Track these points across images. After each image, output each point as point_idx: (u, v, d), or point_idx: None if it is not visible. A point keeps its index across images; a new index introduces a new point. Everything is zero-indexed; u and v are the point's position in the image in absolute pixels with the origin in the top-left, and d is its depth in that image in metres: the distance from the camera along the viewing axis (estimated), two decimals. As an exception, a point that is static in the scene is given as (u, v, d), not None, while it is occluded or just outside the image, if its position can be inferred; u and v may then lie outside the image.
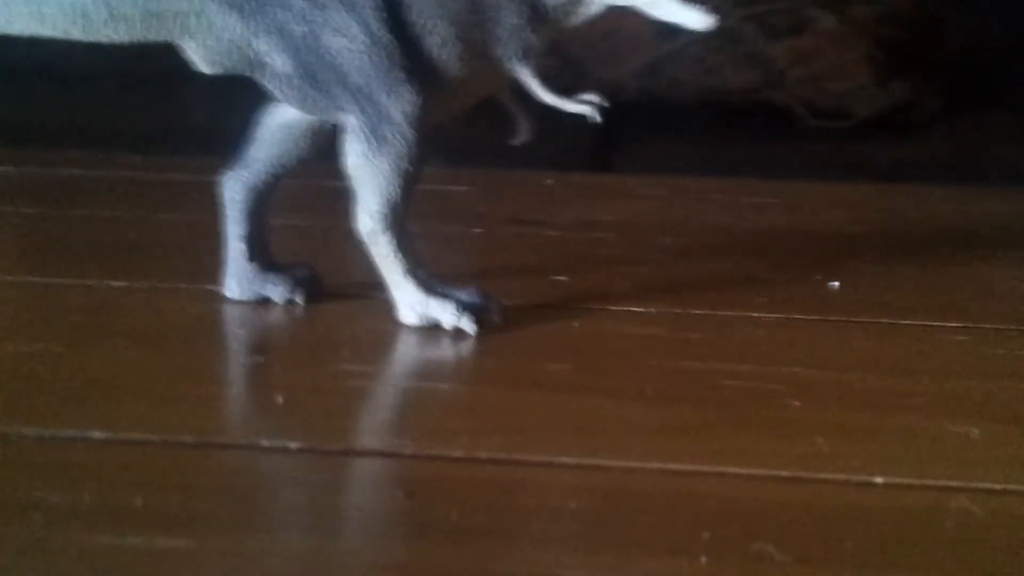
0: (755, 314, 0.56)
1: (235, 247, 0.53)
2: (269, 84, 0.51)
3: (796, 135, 1.31)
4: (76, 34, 0.49)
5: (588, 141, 1.21)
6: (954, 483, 0.39)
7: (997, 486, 0.39)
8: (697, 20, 0.52)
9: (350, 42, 0.49)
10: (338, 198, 0.51)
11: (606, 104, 0.53)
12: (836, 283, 0.61)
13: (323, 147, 0.53)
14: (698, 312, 0.56)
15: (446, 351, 0.49)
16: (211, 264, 0.54)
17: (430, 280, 0.51)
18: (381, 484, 0.38)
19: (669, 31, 0.54)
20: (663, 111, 1.32)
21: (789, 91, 1.36)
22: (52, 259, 0.60)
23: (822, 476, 0.40)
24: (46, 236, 0.65)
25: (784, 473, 0.40)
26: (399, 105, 0.50)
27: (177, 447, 0.39)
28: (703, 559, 0.34)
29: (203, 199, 0.56)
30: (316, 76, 0.50)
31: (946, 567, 0.35)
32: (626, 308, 0.56)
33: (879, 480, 0.39)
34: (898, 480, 0.39)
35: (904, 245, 0.71)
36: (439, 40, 0.50)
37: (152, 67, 0.72)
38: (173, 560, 0.33)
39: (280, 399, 0.43)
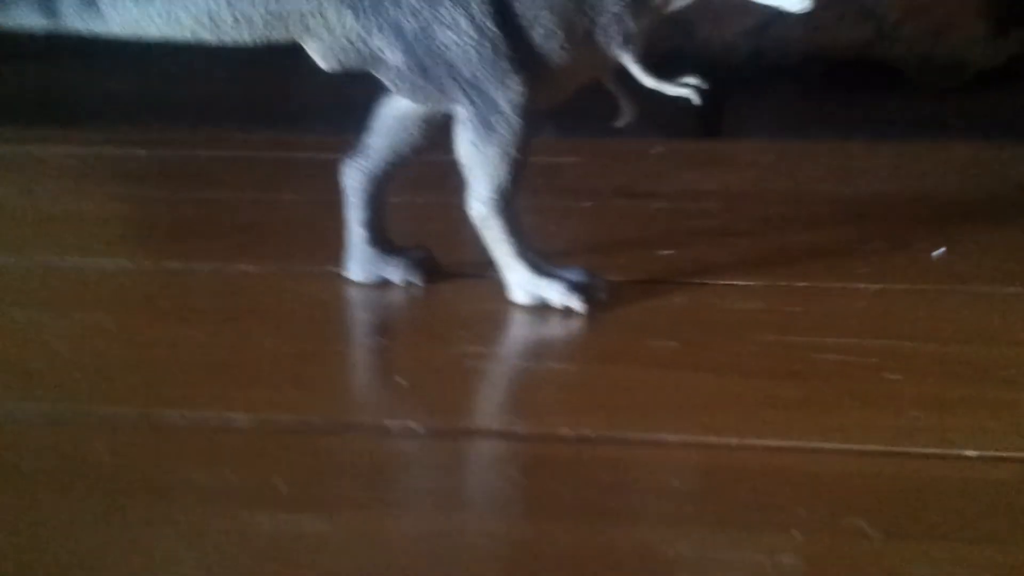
0: (856, 285, 0.57)
1: (356, 232, 0.57)
2: (384, 78, 0.54)
3: (910, 91, 1.29)
4: (205, 36, 0.52)
5: (696, 106, 1.22)
6: (1046, 456, 0.41)
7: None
8: (794, 3, 0.53)
9: (459, 36, 0.52)
10: (449, 173, 0.54)
11: (706, 86, 0.55)
12: (941, 250, 0.62)
13: (436, 137, 0.55)
14: (799, 284, 0.57)
15: (555, 330, 0.52)
16: (334, 245, 0.58)
17: (540, 261, 0.54)
18: (498, 464, 0.41)
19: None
20: (773, 70, 1.31)
21: (902, 46, 1.34)
22: (183, 244, 0.64)
23: (915, 450, 0.41)
24: (176, 220, 0.69)
25: (879, 448, 0.41)
26: (506, 95, 0.52)
27: (310, 429, 0.42)
28: (797, 534, 0.36)
29: (325, 178, 0.59)
30: (427, 69, 0.52)
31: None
32: (728, 282, 0.58)
33: (971, 453, 0.41)
34: (991, 453, 0.41)
35: (1013, 209, 0.71)
36: (543, 31, 0.52)
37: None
38: (315, 540, 0.36)
39: (404, 381, 0.46)
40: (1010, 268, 0.59)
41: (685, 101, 0.55)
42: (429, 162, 0.57)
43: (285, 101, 1.01)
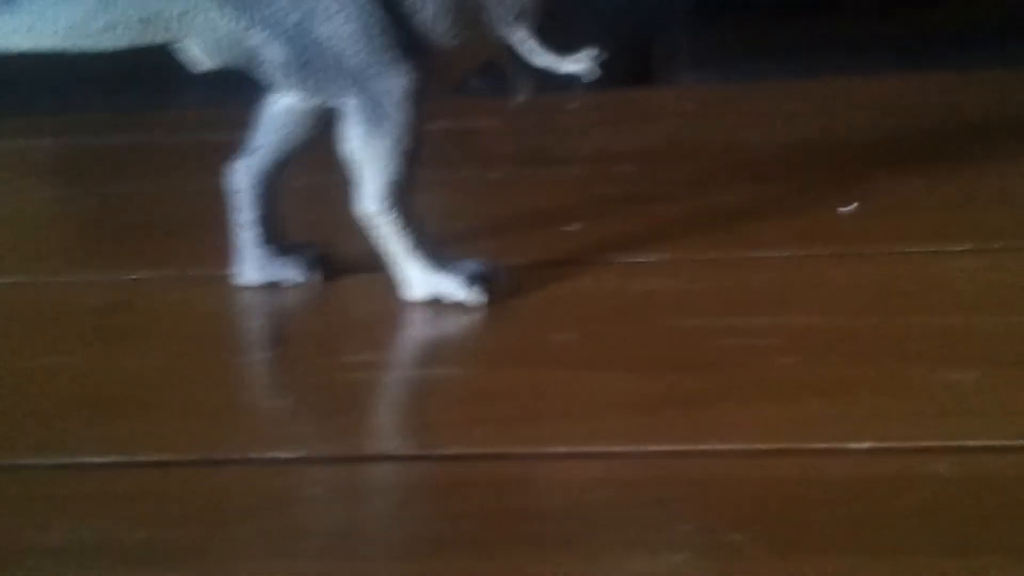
0: (763, 254, 0.56)
1: (246, 234, 0.55)
2: (268, 74, 0.52)
3: (833, 14, 1.27)
4: (77, 44, 0.50)
5: (627, 35, 1.19)
6: (938, 443, 0.40)
7: (990, 442, 0.40)
8: (577, 67, 0.52)
9: (342, 25, 0.50)
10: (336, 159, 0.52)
11: (605, 56, 0.53)
12: (852, 207, 0.61)
13: (326, 129, 0.53)
14: (705, 258, 0.56)
15: (451, 328, 0.51)
16: (230, 243, 0.56)
17: (436, 254, 0.53)
18: (378, 494, 0.40)
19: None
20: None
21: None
22: (69, 251, 0.62)
23: (809, 446, 0.40)
24: (68, 221, 0.67)
25: (770, 446, 0.40)
26: (395, 83, 0.50)
27: (180, 467, 0.41)
28: (686, 555, 0.35)
29: (231, 159, 0.56)
30: (311, 62, 0.50)
31: (934, 541, 0.35)
32: (634, 259, 0.56)
33: (866, 445, 0.40)
34: (884, 444, 0.40)
35: (928, 148, 0.70)
36: (432, 14, 0.50)
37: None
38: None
39: (287, 401, 0.45)
40: (920, 222, 0.58)
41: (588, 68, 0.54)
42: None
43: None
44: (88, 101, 1.02)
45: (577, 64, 0.53)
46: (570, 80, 0.55)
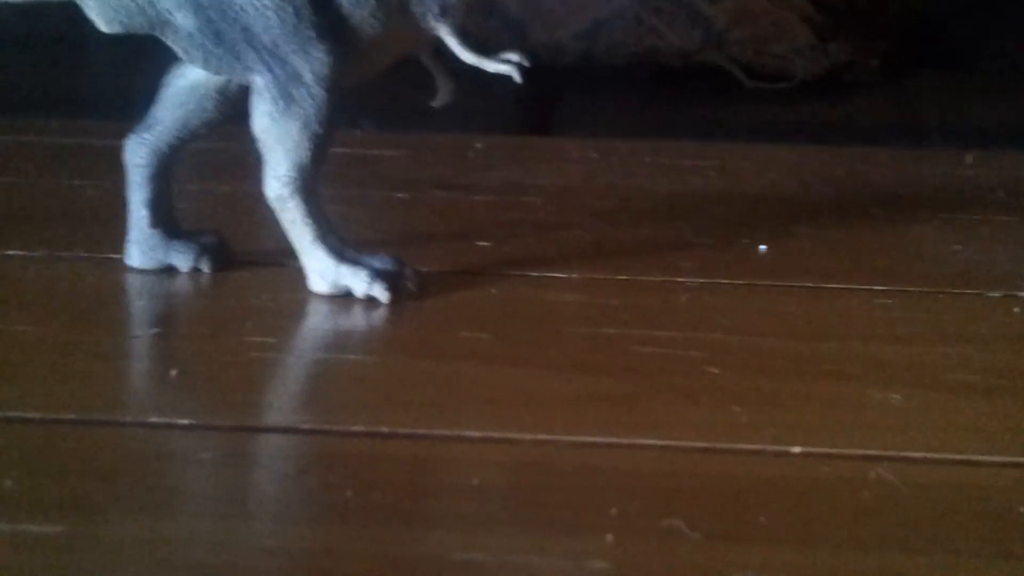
0: (679, 279, 0.54)
1: (137, 213, 0.51)
2: (173, 43, 0.49)
3: (736, 97, 1.29)
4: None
5: (524, 105, 1.19)
6: (873, 452, 0.38)
7: (916, 454, 0.38)
8: (508, 69, 0.50)
9: None
10: (251, 163, 0.49)
11: (527, 63, 0.52)
12: (764, 247, 0.60)
13: (231, 110, 0.50)
14: (621, 278, 0.54)
15: (357, 320, 0.48)
16: (117, 232, 0.52)
17: (342, 246, 0.50)
18: (279, 463, 0.36)
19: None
20: (603, 73, 1.30)
21: (728, 52, 1.34)
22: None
23: (738, 447, 0.38)
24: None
25: (699, 444, 0.38)
26: (309, 64, 0.48)
27: (59, 425, 0.37)
28: (610, 537, 0.33)
29: (116, 164, 0.53)
30: (221, 34, 0.48)
31: (862, 539, 0.33)
32: (547, 274, 0.54)
33: (796, 450, 0.38)
34: (816, 449, 0.38)
35: (835, 208, 0.70)
36: None
37: (54, 27, 0.70)
38: (48, 547, 0.31)
39: (174, 373, 0.41)
40: (829, 265, 0.58)
41: (504, 86, 0.52)
42: (229, 150, 0.52)
43: (73, 88, 0.95)
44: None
45: (502, 64, 0.51)
46: (481, 115, 0.54)
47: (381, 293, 0.49)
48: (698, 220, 0.66)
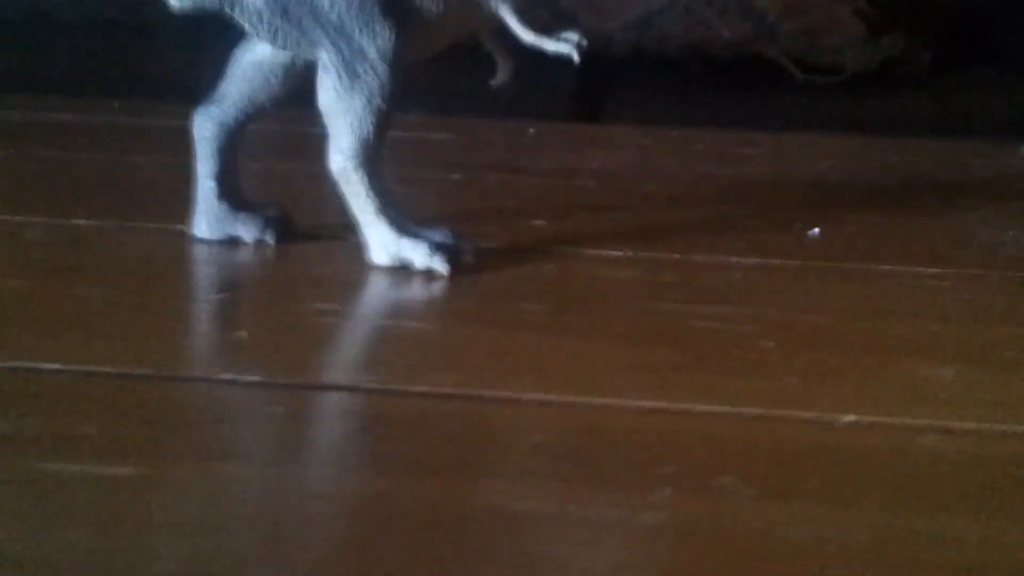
0: (733, 258, 0.55)
1: (205, 185, 0.53)
2: (241, 19, 0.50)
3: (786, 89, 1.29)
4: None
5: (576, 94, 1.20)
6: (923, 422, 0.39)
7: (968, 425, 0.39)
8: (562, 47, 0.51)
9: None
10: (314, 143, 0.51)
11: (585, 43, 0.53)
12: (816, 230, 0.60)
13: (297, 88, 0.52)
14: (675, 256, 0.55)
15: (417, 291, 0.49)
16: (184, 205, 0.54)
17: (403, 220, 0.51)
18: (344, 418, 0.38)
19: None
20: (653, 64, 1.31)
21: (780, 45, 1.34)
22: (19, 198, 0.59)
23: (791, 414, 0.39)
24: (15, 176, 0.64)
25: (753, 411, 0.39)
26: (373, 41, 0.49)
27: (134, 379, 0.38)
28: (667, 491, 0.34)
29: (181, 143, 0.55)
30: (289, 10, 0.49)
31: (909, 502, 0.34)
32: (602, 252, 0.55)
33: (849, 418, 0.39)
34: (868, 419, 0.39)
35: (887, 195, 0.70)
36: None
37: (127, 13, 0.72)
38: (125, 488, 0.32)
39: (244, 334, 0.43)
40: (881, 248, 0.58)
41: (566, 71, 0.53)
42: (295, 132, 0.53)
43: (141, 73, 0.97)
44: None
45: (562, 45, 0.52)
46: (534, 104, 0.55)
47: (441, 265, 0.50)
48: (750, 204, 0.66)
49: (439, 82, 0.74)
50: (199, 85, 0.55)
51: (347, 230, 0.51)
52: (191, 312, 0.46)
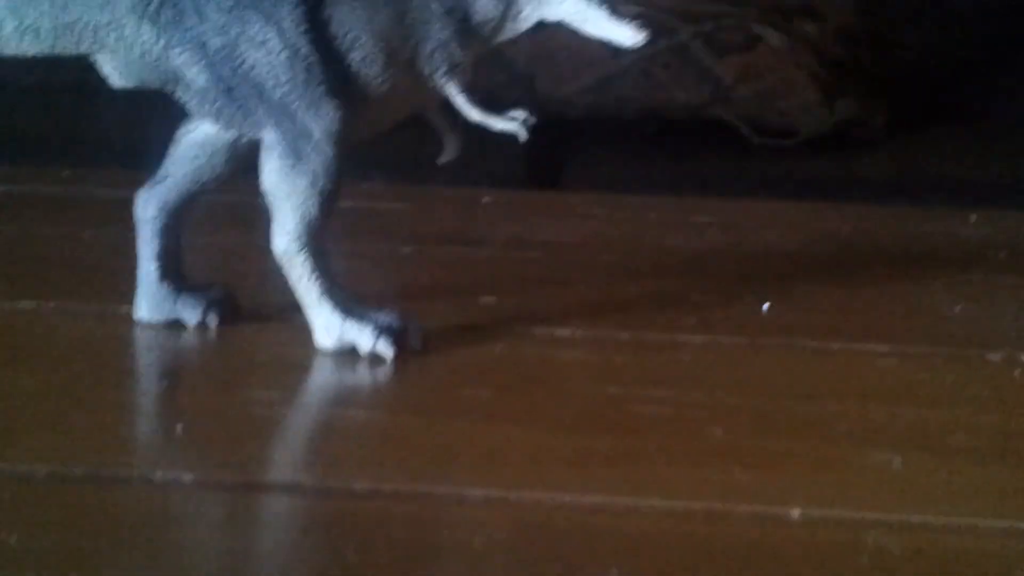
0: (682, 337, 0.55)
1: (147, 267, 0.52)
2: (184, 98, 0.50)
3: (742, 152, 1.30)
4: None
5: (533, 158, 1.20)
6: (872, 515, 0.38)
7: (915, 518, 0.38)
8: (628, 36, 0.51)
9: (269, 55, 0.48)
10: (257, 215, 0.50)
11: (533, 120, 0.52)
12: (767, 305, 0.60)
13: (241, 165, 0.51)
14: (624, 335, 0.55)
15: (362, 376, 0.48)
16: (126, 284, 0.53)
17: (348, 302, 0.50)
18: (281, 520, 0.37)
19: (617, 49, 0.53)
20: (610, 127, 1.31)
21: (736, 108, 1.35)
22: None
23: (739, 508, 0.39)
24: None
25: (700, 505, 0.39)
26: (318, 121, 0.48)
27: (64, 480, 0.37)
28: (608, 599, 0.33)
29: (127, 215, 0.54)
30: (233, 90, 0.49)
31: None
32: (552, 331, 0.55)
33: (796, 513, 0.38)
34: (816, 512, 0.38)
35: (837, 265, 0.70)
36: (363, 54, 0.49)
37: (68, 77, 0.71)
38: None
39: (180, 427, 0.42)
40: (833, 323, 0.58)
41: (513, 139, 0.52)
42: (236, 202, 0.52)
43: (81, 135, 0.96)
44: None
45: (509, 122, 0.52)
46: (488, 170, 0.55)
47: (386, 349, 0.49)
48: (701, 277, 0.66)
49: (391, 149, 0.74)
50: (145, 150, 0.54)
51: (292, 309, 0.50)
52: (128, 403, 0.45)
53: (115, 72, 0.49)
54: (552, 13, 0.52)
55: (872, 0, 1.54)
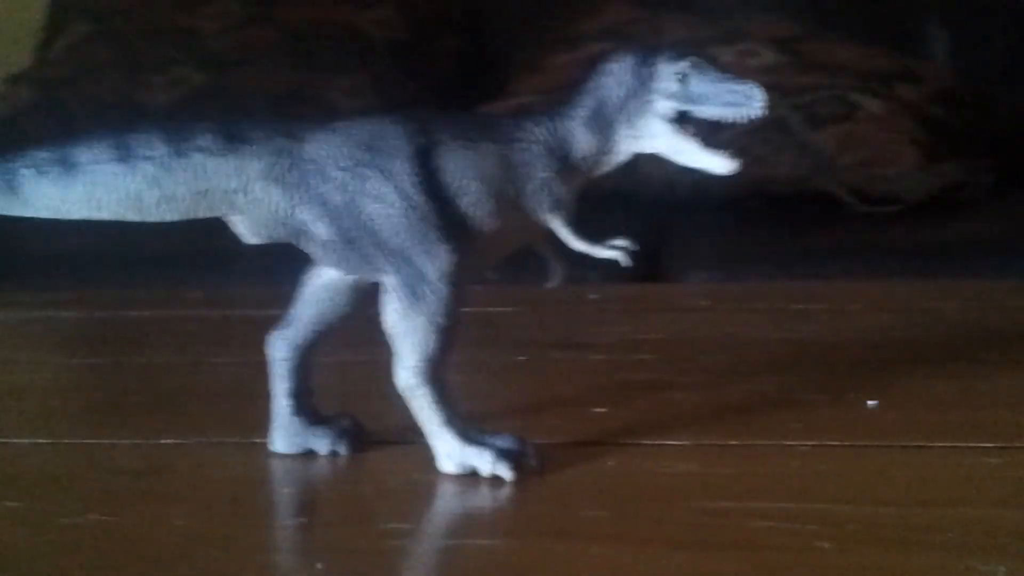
0: (789, 442, 0.57)
1: (281, 403, 0.56)
2: (310, 249, 0.53)
3: (847, 221, 1.31)
4: (131, 216, 0.52)
5: (638, 244, 1.23)
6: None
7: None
8: (721, 165, 0.54)
9: (387, 207, 0.52)
10: (377, 329, 0.52)
11: (636, 248, 0.55)
12: (874, 402, 0.62)
13: (363, 304, 0.55)
14: (732, 443, 0.57)
15: (484, 500, 0.51)
16: (259, 413, 0.56)
17: (467, 428, 0.53)
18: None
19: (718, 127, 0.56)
20: (714, 204, 1.33)
21: (838, 177, 1.37)
22: (104, 417, 0.62)
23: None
24: (102, 389, 0.68)
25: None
26: (435, 264, 0.52)
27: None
28: None
29: (257, 337, 0.57)
30: (355, 240, 0.52)
31: None
32: (661, 442, 0.57)
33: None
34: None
35: (946, 353, 0.71)
36: (472, 199, 0.52)
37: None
38: None
39: (319, 566, 0.45)
40: (941, 420, 0.59)
41: (634, 210, 0.55)
42: (365, 314, 0.56)
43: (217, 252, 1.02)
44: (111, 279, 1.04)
45: (612, 251, 0.55)
46: (597, 266, 0.57)
47: (505, 472, 0.52)
48: (808, 372, 0.68)
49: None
50: (271, 266, 0.57)
51: (415, 432, 0.54)
52: (270, 542, 0.48)
53: (247, 230, 0.53)
54: (647, 146, 0.55)
55: (970, 59, 1.55)
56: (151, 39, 1.60)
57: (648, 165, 1.56)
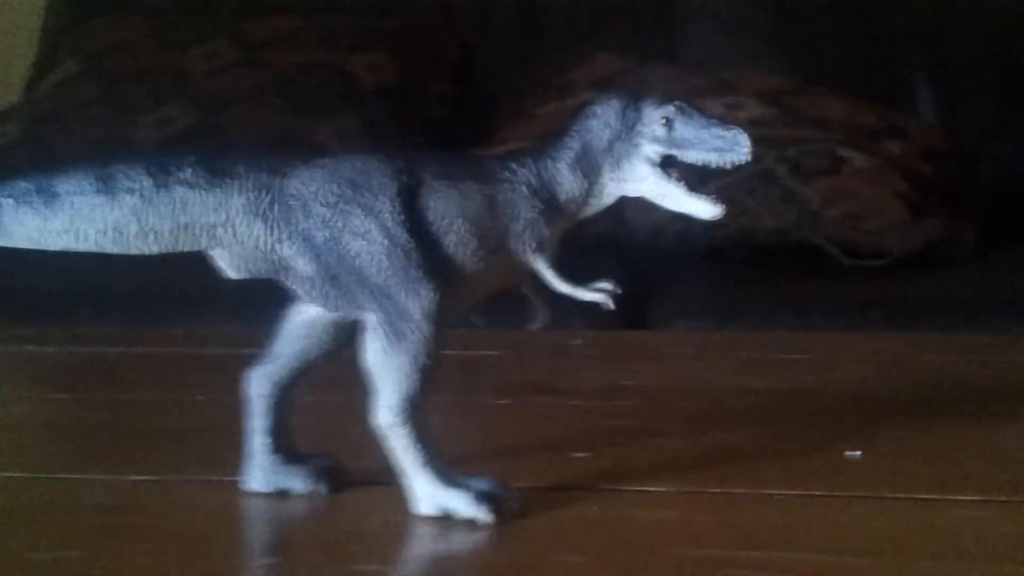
0: (770, 491, 0.56)
1: (258, 440, 0.55)
2: (293, 285, 0.53)
3: (831, 273, 1.31)
4: (112, 249, 0.52)
5: (624, 288, 1.23)
6: None
7: None
8: (705, 209, 0.54)
9: (370, 244, 0.51)
10: (351, 374, 0.52)
11: (619, 291, 0.55)
12: (856, 453, 0.61)
13: (345, 341, 0.54)
14: (714, 491, 0.56)
15: (460, 544, 0.50)
16: (235, 451, 0.56)
17: (446, 470, 0.53)
18: None
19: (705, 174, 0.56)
20: (699, 254, 1.33)
21: (823, 230, 1.37)
22: (79, 452, 0.62)
23: None
24: (79, 425, 0.67)
25: None
26: (417, 302, 0.51)
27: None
28: None
29: (237, 376, 0.56)
30: (338, 277, 0.52)
31: None
32: (642, 488, 0.56)
33: None
34: None
35: (926, 406, 0.71)
36: (456, 238, 0.52)
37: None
38: None
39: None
40: (922, 471, 0.59)
41: (617, 259, 0.55)
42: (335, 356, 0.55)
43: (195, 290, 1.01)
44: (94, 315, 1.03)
45: (596, 294, 0.54)
46: (581, 311, 0.57)
47: (485, 515, 0.51)
48: (790, 422, 0.67)
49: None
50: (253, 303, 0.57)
51: (391, 474, 0.53)
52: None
53: (229, 265, 0.53)
54: (633, 190, 0.55)
55: (956, 117, 1.56)
56: (140, 78, 1.60)
57: (634, 212, 1.55)
